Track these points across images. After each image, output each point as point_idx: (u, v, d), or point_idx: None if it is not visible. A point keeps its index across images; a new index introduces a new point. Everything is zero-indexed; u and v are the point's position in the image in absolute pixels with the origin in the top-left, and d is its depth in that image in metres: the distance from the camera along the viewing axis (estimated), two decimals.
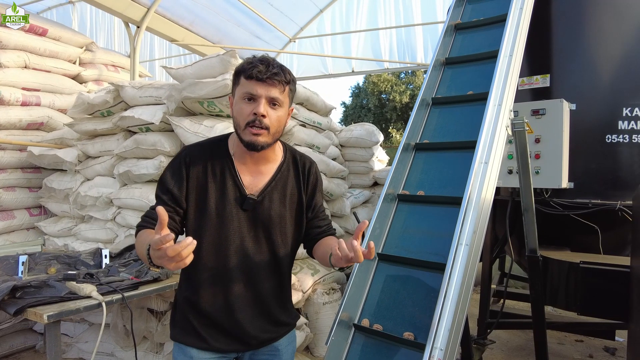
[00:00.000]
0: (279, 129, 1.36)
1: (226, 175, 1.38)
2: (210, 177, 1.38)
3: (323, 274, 3.29)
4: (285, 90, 1.34)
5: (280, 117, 1.35)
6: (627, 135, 2.87)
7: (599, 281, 2.58)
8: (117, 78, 4.67)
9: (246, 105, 1.31)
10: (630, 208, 2.68)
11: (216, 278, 1.38)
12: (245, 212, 1.39)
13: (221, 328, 1.40)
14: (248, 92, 1.30)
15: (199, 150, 1.42)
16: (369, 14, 7.62)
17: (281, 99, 1.33)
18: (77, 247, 3.06)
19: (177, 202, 1.36)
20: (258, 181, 1.41)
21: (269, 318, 1.45)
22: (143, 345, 2.81)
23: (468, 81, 2.12)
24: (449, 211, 1.66)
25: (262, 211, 1.40)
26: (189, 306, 1.42)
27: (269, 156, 1.43)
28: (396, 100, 21.06)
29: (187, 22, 6.50)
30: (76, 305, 1.92)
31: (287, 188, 1.45)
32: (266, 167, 1.44)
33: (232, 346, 1.42)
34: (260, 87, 1.29)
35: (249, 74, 1.29)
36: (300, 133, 3.17)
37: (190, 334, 1.41)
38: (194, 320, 1.40)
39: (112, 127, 3.04)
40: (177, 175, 1.37)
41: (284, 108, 1.36)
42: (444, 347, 1.31)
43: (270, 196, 1.42)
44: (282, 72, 1.32)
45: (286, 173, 1.46)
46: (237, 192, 1.38)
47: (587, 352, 3.93)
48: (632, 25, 2.96)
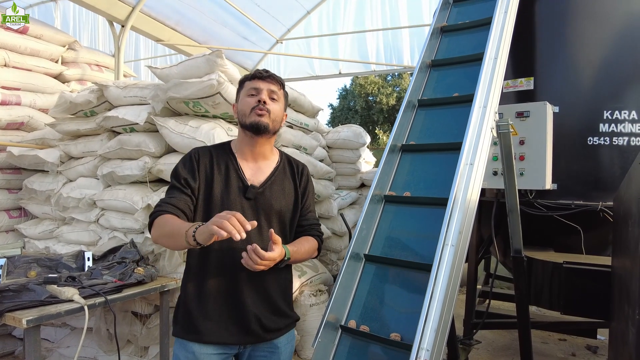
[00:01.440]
0: (277, 118, 1.56)
1: (230, 169, 1.56)
2: (215, 170, 1.54)
3: (310, 276, 3.28)
4: (281, 89, 1.60)
5: (278, 110, 1.57)
6: (608, 138, 2.93)
7: (582, 281, 2.63)
8: (101, 78, 4.59)
9: (250, 98, 1.54)
10: (611, 209, 2.74)
11: (220, 263, 1.49)
12: (249, 201, 1.53)
13: (224, 316, 1.48)
14: (252, 88, 1.54)
15: (206, 149, 1.61)
16: (356, 16, 7.64)
17: (279, 94, 1.58)
18: (59, 249, 3.00)
19: (192, 188, 1.51)
20: (259, 175, 1.59)
21: (269, 305, 1.54)
22: (127, 349, 2.76)
23: (454, 83, 2.13)
24: (435, 212, 1.67)
25: (264, 201, 1.55)
26: (193, 297, 1.50)
27: (267, 154, 1.63)
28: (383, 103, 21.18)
29: (173, 22, 6.43)
30: (57, 309, 1.88)
31: (285, 184, 1.63)
32: (265, 163, 1.62)
33: (234, 337, 1.49)
34: (262, 83, 1.55)
35: (252, 76, 1.57)
36: (287, 134, 3.16)
37: (192, 329, 1.48)
38: (197, 313, 1.48)
39: (96, 127, 2.98)
40: (189, 166, 1.54)
41: (280, 104, 1.59)
42: (431, 347, 1.31)
43: (270, 188, 1.58)
44: (278, 77, 1.60)
45: (283, 171, 1.65)
46: (240, 183, 1.54)
47: (570, 350, 4.00)
48: (611, 31, 3.02)
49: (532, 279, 2.89)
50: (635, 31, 2.98)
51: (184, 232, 1.29)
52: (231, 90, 2.56)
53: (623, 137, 2.91)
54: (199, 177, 1.52)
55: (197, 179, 1.51)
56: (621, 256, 2.05)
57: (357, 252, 1.72)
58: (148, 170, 2.63)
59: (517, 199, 2.37)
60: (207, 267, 1.50)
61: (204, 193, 1.52)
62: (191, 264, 1.55)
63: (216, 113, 2.71)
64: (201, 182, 1.52)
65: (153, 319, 2.70)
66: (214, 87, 2.47)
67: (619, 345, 1.90)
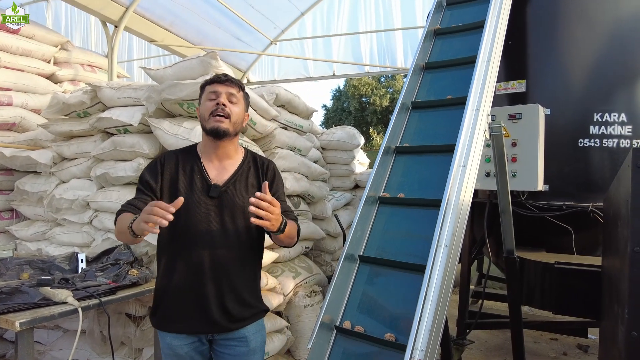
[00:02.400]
0: (238, 120, 1.64)
1: (194, 170, 1.64)
2: (180, 172, 1.63)
3: (304, 277, 3.29)
4: (240, 92, 1.67)
5: (238, 112, 1.64)
6: (598, 140, 2.97)
7: (573, 281, 2.66)
8: (94, 78, 4.57)
9: (210, 101, 1.61)
10: (601, 210, 2.77)
11: (187, 258, 1.58)
12: (213, 199, 1.61)
13: (190, 308, 1.58)
14: (211, 92, 1.62)
15: (173, 153, 1.72)
16: (350, 18, 7.67)
17: (238, 97, 1.65)
18: (52, 251, 2.97)
19: (153, 191, 1.61)
20: (223, 175, 1.66)
21: (234, 297, 1.61)
22: (121, 351, 2.75)
23: (447, 86, 2.15)
24: (429, 213, 1.68)
25: (228, 199, 1.62)
26: (163, 290, 1.62)
27: (231, 154, 1.70)
28: (376, 104, 21.23)
29: (167, 23, 6.42)
30: (50, 312, 1.87)
31: (249, 181, 1.69)
32: (229, 163, 1.69)
33: (200, 327, 1.59)
34: (220, 87, 1.62)
35: (210, 80, 1.65)
36: (281, 135, 3.16)
37: (166, 320, 1.61)
38: (168, 304, 1.60)
39: (89, 128, 2.97)
40: (153, 171, 1.64)
41: (240, 106, 1.66)
42: (425, 347, 1.33)
43: (234, 186, 1.65)
44: (237, 80, 1.68)
45: (247, 169, 1.71)
46: (204, 182, 1.62)
47: (562, 350, 4.04)
48: (602, 35, 3.07)
49: (524, 279, 2.92)
50: (624, 35, 3.03)
51: (125, 227, 1.43)
52: None
53: (613, 139, 2.96)
54: (163, 179, 1.62)
55: (159, 181, 1.61)
56: (611, 256, 2.08)
57: (352, 253, 1.74)
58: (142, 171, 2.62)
59: (510, 200, 2.40)
60: (174, 261, 1.60)
61: (168, 194, 1.60)
62: (161, 258, 1.65)
63: None
64: (165, 184, 1.61)
65: (147, 321, 2.68)
66: None
67: (609, 344, 1.93)
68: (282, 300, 2.95)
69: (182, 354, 1.61)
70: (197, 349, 1.64)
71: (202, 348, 1.65)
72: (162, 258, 1.65)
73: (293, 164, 3.26)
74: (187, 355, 1.62)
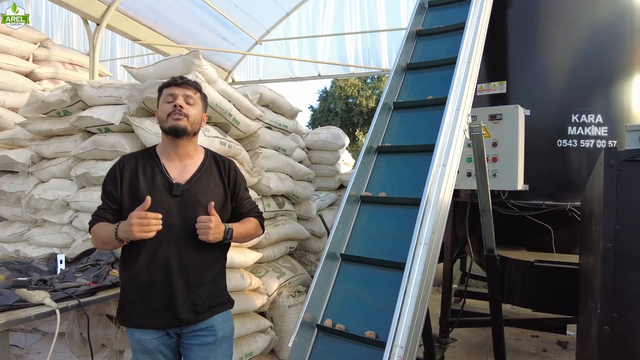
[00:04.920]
0: (196, 120, 1.67)
1: (155, 171, 1.67)
2: (140, 174, 1.65)
3: (289, 277, 3.28)
4: (197, 93, 1.70)
5: (195, 112, 1.67)
6: (576, 140, 3.05)
7: (552, 279, 2.72)
8: (75, 77, 4.49)
9: (167, 104, 1.65)
10: (578, 209, 2.84)
11: (151, 254, 1.61)
12: (175, 198, 1.64)
13: (157, 303, 1.61)
14: (168, 94, 1.65)
15: (131, 157, 1.73)
16: (335, 18, 7.70)
17: (195, 98, 1.68)
18: (30, 252, 2.91)
19: (115, 200, 1.66)
20: (185, 173, 1.69)
21: (200, 291, 1.65)
22: (101, 353, 2.70)
23: (428, 86, 2.18)
24: (410, 212, 1.70)
25: (190, 197, 1.65)
26: (128, 287, 1.65)
27: (191, 153, 1.73)
28: (363, 105, 21.33)
29: (150, 22, 6.34)
30: (27, 314, 1.82)
31: (211, 180, 1.73)
32: (190, 162, 1.72)
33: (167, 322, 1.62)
34: (177, 89, 1.65)
35: (167, 83, 1.68)
36: (265, 135, 3.16)
37: (132, 316, 1.63)
38: (134, 301, 1.63)
39: (69, 127, 2.91)
40: (113, 179, 1.67)
41: (197, 107, 1.69)
42: (405, 344, 1.34)
43: (196, 184, 1.68)
44: (193, 81, 1.71)
45: (209, 168, 1.75)
46: (166, 182, 1.65)
47: (542, 346, 4.12)
48: (579, 39, 3.15)
49: (505, 278, 2.97)
50: (600, 39, 3.11)
51: (111, 237, 1.54)
52: (208, 91, 2.55)
53: (590, 139, 3.03)
54: (122, 185, 1.65)
55: (119, 189, 1.65)
56: (586, 254, 2.14)
57: (334, 251, 1.75)
58: None
59: (490, 199, 2.44)
60: (140, 258, 1.61)
61: (129, 197, 1.64)
62: (125, 256, 1.68)
63: None
64: (125, 187, 1.65)
65: None
66: None
67: (584, 339, 1.98)
68: (266, 300, 2.94)
69: (151, 348, 1.64)
70: (165, 342, 1.67)
71: (170, 341, 1.68)
72: (126, 256, 1.67)
73: (277, 163, 3.26)
74: (156, 350, 1.64)
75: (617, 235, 1.49)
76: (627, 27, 3.15)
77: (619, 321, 1.45)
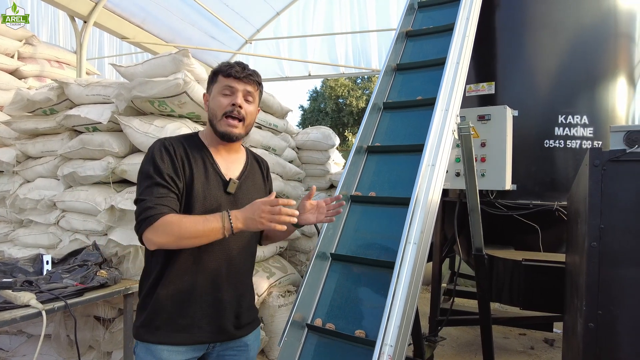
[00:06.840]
0: (251, 121, 1.52)
1: (206, 163, 1.48)
2: (193, 163, 1.45)
3: (279, 277, 3.28)
4: (257, 89, 1.53)
5: (252, 111, 1.52)
6: (562, 141, 3.09)
7: (539, 277, 2.75)
8: (61, 75, 4.42)
9: (224, 98, 1.46)
10: (565, 208, 2.88)
11: (200, 258, 1.42)
12: (228, 195, 1.48)
13: (198, 315, 1.41)
14: (227, 86, 1.45)
15: (176, 141, 1.48)
16: (326, 18, 7.71)
17: (255, 95, 1.51)
18: (15, 253, 2.86)
19: (177, 185, 1.39)
20: (232, 169, 1.54)
21: (245, 300, 1.54)
22: (89, 355, 2.67)
23: (418, 87, 2.20)
24: (399, 211, 1.71)
25: (242, 195, 1.51)
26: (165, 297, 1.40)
27: (238, 147, 1.59)
28: (353, 105, 21.37)
29: (138, 20, 6.28)
30: (11, 315, 1.80)
31: (257, 179, 1.63)
32: (237, 156, 1.59)
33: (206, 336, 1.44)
34: (238, 83, 1.46)
35: (227, 72, 1.46)
36: (255, 134, 3.15)
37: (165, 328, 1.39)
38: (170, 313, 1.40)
39: (56, 126, 2.87)
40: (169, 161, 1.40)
41: (255, 104, 1.53)
42: (394, 343, 1.35)
43: (246, 182, 1.56)
44: (255, 74, 1.52)
45: (252, 166, 1.63)
46: (218, 178, 1.48)
47: (529, 344, 4.18)
48: (565, 41, 3.19)
49: (494, 276, 3.00)
50: (585, 42, 3.17)
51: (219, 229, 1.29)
52: (197, 89, 2.54)
53: (576, 140, 3.08)
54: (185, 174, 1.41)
55: (181, 178, 1.39)
56: (572, 252, 2.17)
57: (324, 251, 1.75)
58: (111, 170, 2.56)
59: (478, 199, 2.46)
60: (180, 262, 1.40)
61: (184, 184, 1.41)
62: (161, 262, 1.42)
63: (182, 112, 2.67)
64: (180, 173, 1.40)
65: (117, 323, 2.62)
66: (180, 86, 2.44)
67: (570, 336, 2.01)
68: (255, 300, 2.93)
69: None
70: None
71: None
72: (163, 262, 1.41)
73: None
74: None
75: (601, 234, 1.51)
76: (611, 30, 3.21)
77: (603, 318, 1.47)
